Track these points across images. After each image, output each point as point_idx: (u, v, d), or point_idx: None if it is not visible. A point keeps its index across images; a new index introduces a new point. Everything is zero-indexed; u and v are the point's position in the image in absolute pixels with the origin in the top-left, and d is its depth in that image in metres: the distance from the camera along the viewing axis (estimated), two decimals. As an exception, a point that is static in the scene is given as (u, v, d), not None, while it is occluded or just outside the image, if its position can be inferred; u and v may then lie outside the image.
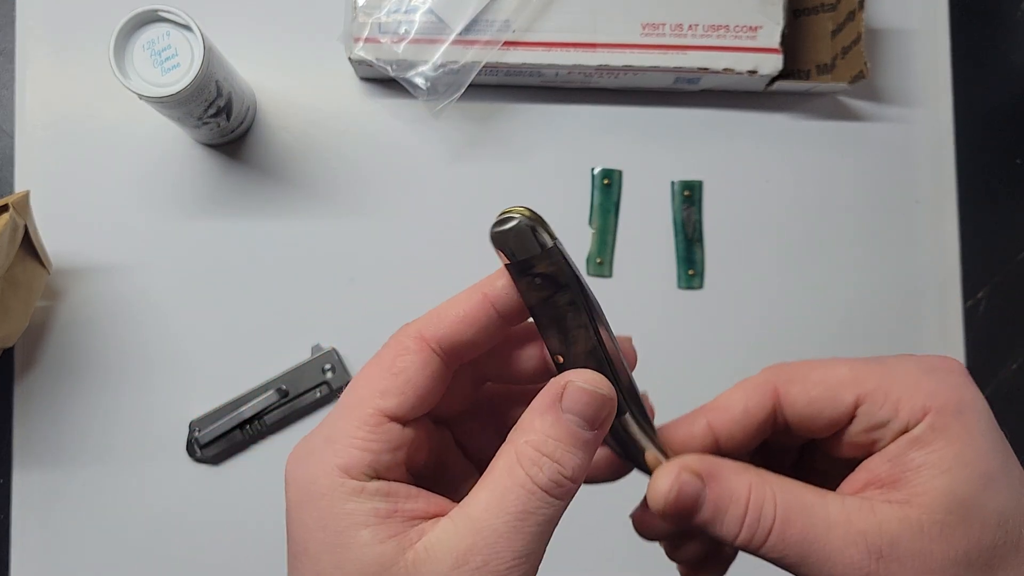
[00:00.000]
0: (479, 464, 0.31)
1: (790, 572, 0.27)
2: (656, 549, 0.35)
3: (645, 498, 0.30)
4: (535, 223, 0.26)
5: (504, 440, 0.27)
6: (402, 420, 0.27)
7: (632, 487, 0.33)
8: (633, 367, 0.30)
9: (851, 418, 0.28)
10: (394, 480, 0.26)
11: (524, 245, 0.26)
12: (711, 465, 0.28)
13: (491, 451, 0.27)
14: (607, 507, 0.42)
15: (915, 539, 0.25)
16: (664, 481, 0.28)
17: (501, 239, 0.26)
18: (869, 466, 0.27)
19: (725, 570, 0.33)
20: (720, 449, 0.29)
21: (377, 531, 0.25)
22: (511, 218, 0.26)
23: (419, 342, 0.28)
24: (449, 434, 0.31)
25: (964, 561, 0.25)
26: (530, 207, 0.27)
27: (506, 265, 0.27)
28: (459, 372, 0.29)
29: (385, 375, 0.27)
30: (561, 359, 0.28)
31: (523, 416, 0.27)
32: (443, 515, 0.26)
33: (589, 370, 0.27)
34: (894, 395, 0.27)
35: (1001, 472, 0.26)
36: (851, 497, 0.27)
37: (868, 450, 0.28)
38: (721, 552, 0.33)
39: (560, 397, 0.26)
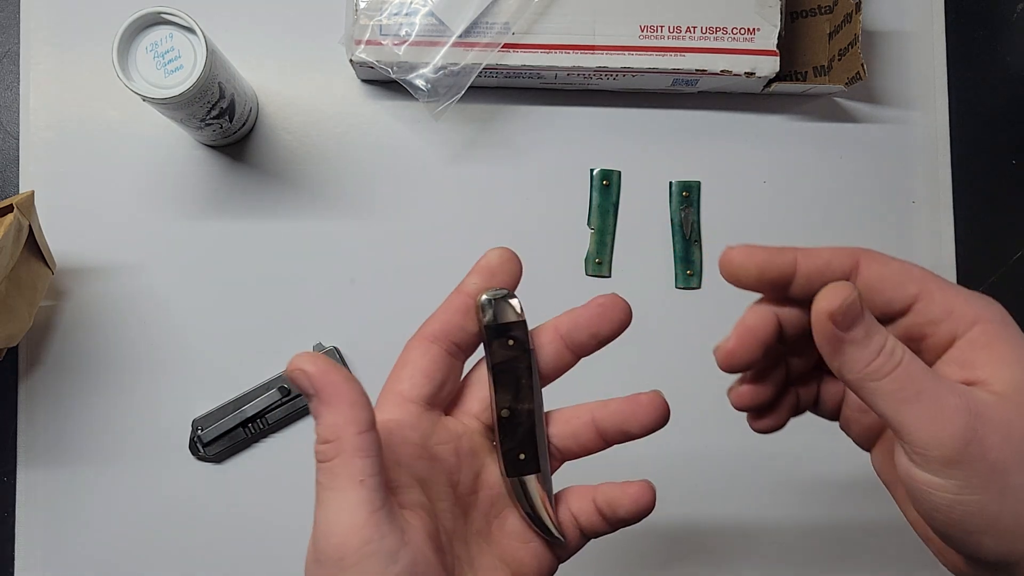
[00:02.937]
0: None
1: (888, 415, 0.29)
2: (656, 555, 0.36)
3: (731, 337, 0.34)
4: (516, 299, 0.34)
5: None
6: (419, 401, 0.33)
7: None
8: (664, 422, 0.35)
9: (908, 308, 0.31)
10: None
11: (505, 313, 0.33)
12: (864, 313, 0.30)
13: None
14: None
15: (999, 409, 0.29)
16: (839, 291, 0.30)
17: (488, 306, 0.33)
18: (941, 371, 0.31)
19: (787, 420, 0.37)
20: (794, 286, 0.32)
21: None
22: (499, 292, 0.33)
23: (419, 339, 0.34)
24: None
25: None
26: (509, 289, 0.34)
27: (485, 326, 0.33)
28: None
29: (396, 368, 0.34)
30: (507, 413, 0.33)
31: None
32: None
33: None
34: (950, 301, 0.31)
35: None
36: (963, 386, 0.30)
37: (917, 339, 0.32)
38: (789, 399, 0.36)
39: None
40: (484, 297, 0.33)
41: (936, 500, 0.29)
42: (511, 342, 0.33)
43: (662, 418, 0.35)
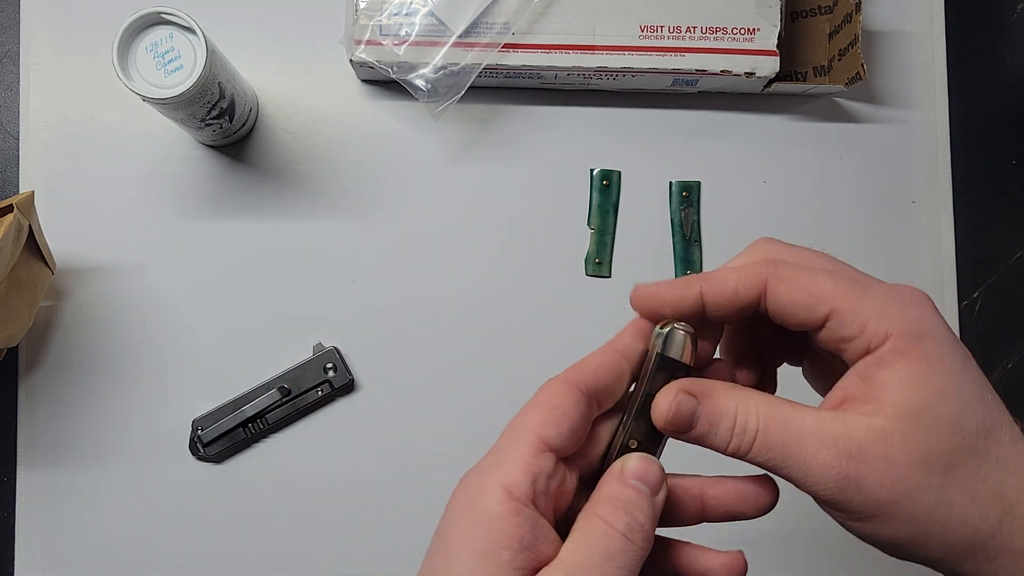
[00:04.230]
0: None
1: (780, 476, 0.31)
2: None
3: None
4: (693, 341, 0.33)
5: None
6: (557, 451, 0.31)
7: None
8: (774, 503, 0.34)
9: (822, 325, 0.31)
10: (542, 511, 0.30)
11: (683, 351, 0.32)
12: (704, 386, 0.32)
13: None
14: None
15: (880, 444, 0.29)
16: (665, 400, 0.31)
17: (671, 337, 0.32)
18: (843, 384, 0.31)
19: None
20: (706, 316, 0.33)
21: (515, 557, 0.28)
22: (686, 327, 0.32)
23: (569, 385, 0.31)
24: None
25: (923, 462, 0.29)
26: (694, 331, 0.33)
27: (659, 355, 0.32)
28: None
29: (543, 410, 0.31)
30: (635, 444, 0.33)
31: (596, 490, 0.32)
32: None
33: (636, 452, 0.32)
34: (862, 318, 0.30)
35: (955, 387, 0.29)
36: (824, 411, 0.30)
37: (835, 352, 0.32)
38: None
39: (622, 469, 0.31)
40: (670, 328, 0.32)
41: (852, 528, 0.31)
42: (669, 379, 0.32)
43: (774, 500, 0.34)
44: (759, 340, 0.36)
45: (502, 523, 0.28)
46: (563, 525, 0.31)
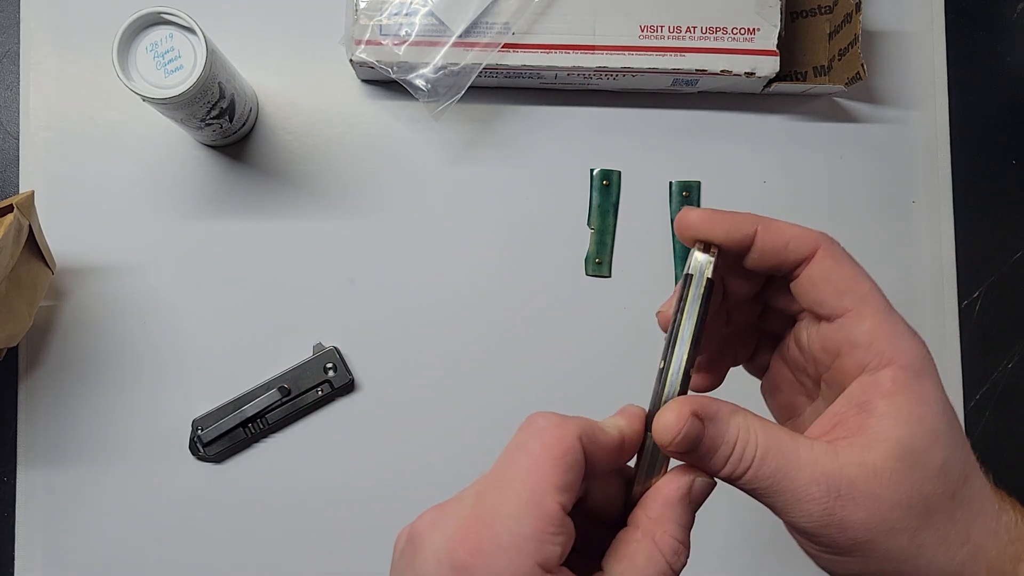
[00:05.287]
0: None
1: (763, 502, 0.30)
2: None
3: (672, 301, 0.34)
4: (712, 261, 0.32)
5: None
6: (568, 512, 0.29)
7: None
8: None
9: (838, 317, 0.31)
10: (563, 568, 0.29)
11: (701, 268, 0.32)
12: (710, 407, 0.30)
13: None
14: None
15: (869, 482, 0.29)
16: (673, 421, 0.30)
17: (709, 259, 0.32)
18: (837, 410, 0.31)
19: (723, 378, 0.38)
20: (749, 258, 0.32)
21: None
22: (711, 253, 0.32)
23: (581, 444, 0.29)
24: None
25: (905, 504, 0.29)
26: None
27: (708, 280, 0.31)
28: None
29: (559, 469, 0.28)
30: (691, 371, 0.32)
31: (652, 502, 0.31)
32: None
33: (699, 469, 0.31)
34: (877, 333, 0.30)
35: (946, 431, 0.30)
36: (820, 442, 0.30)
37: (827, 353, 0.32)
38: (727, 357, 0.38)
39: (690, 490, 0.31)
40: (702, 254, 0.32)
41: (820, 558, 0.31)
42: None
43: None
44: (738, 325, 0.37)
45: None
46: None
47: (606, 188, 0.62)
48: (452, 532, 0.28)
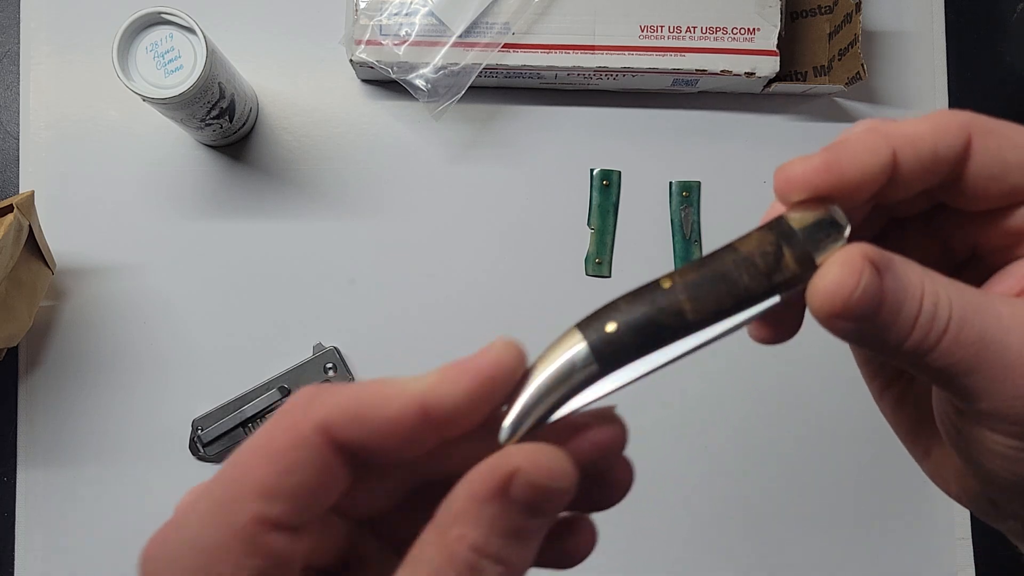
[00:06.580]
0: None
1: (948, 386, 0.23)
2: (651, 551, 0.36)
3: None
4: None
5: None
6: (291, 528, 0.21)
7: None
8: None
9: (1018, 204, 0.24)
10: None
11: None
12: (883, 255, 0.22)
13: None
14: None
15: None
16: (847, 273, 0.22)
17: (835, 213, 0.24)
18: (1019, 272, 0.24)
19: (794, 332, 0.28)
20: (881, 197, 0.24)
21: None
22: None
23: (323, 437, 0.21)
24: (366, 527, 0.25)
25: None
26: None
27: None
28: (381, 469, 0.23)
29: (271, 470, 0.21)
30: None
31: (454, 497, 0.21)
32: None
33: (542, 446, 0.21)
34: None
35: None
36: (1019, 300, 0.23)
37: (999, 251, 0.25)
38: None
39: (509, 484, 0.20)
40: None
41: (1009, 455, 0.23)
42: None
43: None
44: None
45: None
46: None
47: (606, 188, 0.62)
48: (158, 531, 0.22)
